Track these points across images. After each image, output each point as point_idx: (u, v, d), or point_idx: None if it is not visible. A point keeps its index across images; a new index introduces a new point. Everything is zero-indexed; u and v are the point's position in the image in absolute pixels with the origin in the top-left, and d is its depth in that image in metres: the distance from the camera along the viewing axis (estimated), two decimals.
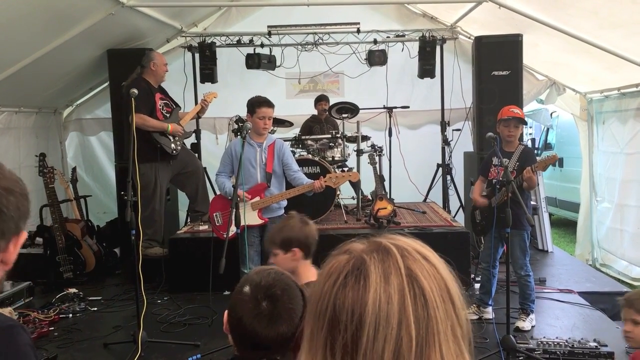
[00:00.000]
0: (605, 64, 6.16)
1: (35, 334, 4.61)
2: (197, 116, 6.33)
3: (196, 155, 7.00)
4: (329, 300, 0.85)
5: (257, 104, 4.64)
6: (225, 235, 4.60)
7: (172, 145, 5.90)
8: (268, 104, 4.66)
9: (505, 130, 4.65)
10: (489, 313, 4.85)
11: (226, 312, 1.62)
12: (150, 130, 5.69)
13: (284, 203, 4.83)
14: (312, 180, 4.68)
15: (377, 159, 6.43)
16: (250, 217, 4.57)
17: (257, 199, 4.63)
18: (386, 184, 6.84)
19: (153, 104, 5.80)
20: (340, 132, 6.62)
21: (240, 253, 4.52)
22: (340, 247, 0.94)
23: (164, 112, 5.94)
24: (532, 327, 4.63)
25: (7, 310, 2.15)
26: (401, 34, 7.56)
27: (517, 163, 4.58)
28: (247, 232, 4.45)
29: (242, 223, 4.31)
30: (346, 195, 7.01)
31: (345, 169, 6.79)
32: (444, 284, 0.88)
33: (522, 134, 5.42)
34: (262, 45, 7.53)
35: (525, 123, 4.72)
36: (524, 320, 4.63)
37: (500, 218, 4.35)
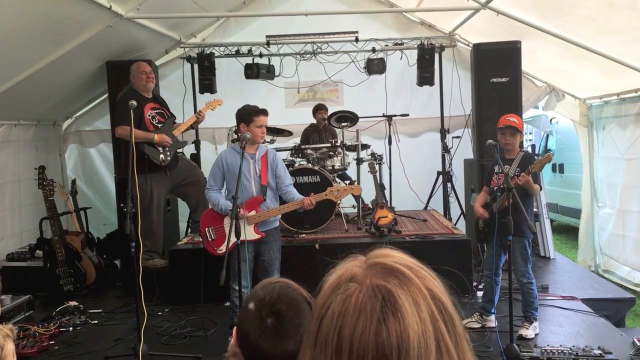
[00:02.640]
0: (604, 69, 6.16)
1: (35, 348, 4.57)
2: (192, 127, 6.31)
3: (197, 165, 6.99)
4: (368, 341, 0.81)
5: (254, 113, 4.52)
6: (218, 250, 4.57)
7: (161, 156, 5.88)
8: (264, 112, 4.57)
9: (502, 138, 4.66)
10: (492, 321, 4.81)
11: (234, 328, 1.58)
12: (137, 142, 5.68)
13: (278, 216, 4.76)
14: (303, 197, 4.54)
15: (377, 167, 6.42)
16: (247, 232, 4.37)
17: (253, 212, 4.50)
18: (386, 192, 6.82)
19: (141, 115, 5.78)
20: (340, 141, 6.62)
21: (231, 268, 4.29)
22: (335, 274, 0.90)
23: (154, 122, 5.93)
24: (536, 335, 4.58)
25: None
26: (399, 42, 7.57)
27: (518, 169, 4.57)
28: (242, 248, 4.20)
29: (242, 237, 4.13)
30: (347, 204, 6.99)
31: (347, 181, 6.79)
32: (450, 296, 0.88)
33: (522, 142, 5.41)
34: (260, 55, 7.54)
35: (520, 132, 4.70)
36: (527, 329, 4.58)
37: (501, 225, 4.33)
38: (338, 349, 0.82)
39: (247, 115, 4.52)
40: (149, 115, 5.90)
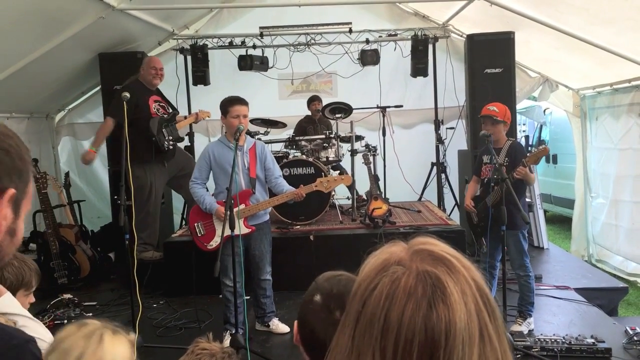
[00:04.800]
0: (597, 60, 6.18)
1: None
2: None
3: (192, 157, 6.98)
4: (416, 324, 0.81)
5: (228, 103, 4.36)
6: (208, 246, 4.54)
7: (166, 142, 5.88)
8: (241, 101, 4.39)
9: (483, 128, 4.57)
10: None
11: (296, 322, 1.53)
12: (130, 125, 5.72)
13: (269, 209, 4.70)
14: (294, 189, 4.45)
15: (371, 158, 6.42)
16: (237, 226, 4.16)
17: (243, 206, 4.36)
18: (381, 183, 6.83)
19: (143, 105, 5.78)
20: (334, 133, 6.61)
21: (222, 263, 4.14)
22: (380, 257, 0.90)
23: (159, 114, 5.93)
24: (530, 331, 4.48)
25: (3, 319, 2.10)
26: (393, 33, 7.56)
27: (506, 159, 4.52)
28: (233, 241, 4.03)
29: (236, 231, 4.01)
30: (341, 195, 6.99)
31: (337, 172, 6.78)
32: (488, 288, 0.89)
33: (515, 131, 5.38)
34: (254, 47, 7.51)
35: (502, 121, 4.58)
36: (520, 325, 4.51)
37: (495, 217, 4.32)
38: (385, 330, 0.83)
39: (223, 106, 4.41)
40: (154, 108, 5.90)
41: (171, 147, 5.96)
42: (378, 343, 0.83)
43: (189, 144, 7.52)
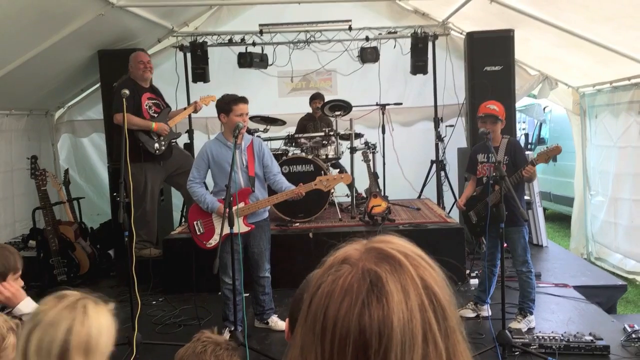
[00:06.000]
0: (597, 57, 6.17)
1: None
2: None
3: (190, 155, 6.97)
4: (350, 323, 0.80)
5: (232, 101, 4.33)
6: (207, 244, 4.54)
7: (156, 145, 5.86)
8: (244, 100, 4.38)
9: (482, 127, 4.56)
10: (486, 310, 4.82)
11: (287, 320, 1.53)
12: (134, 129, 5.67)
13: (268, 206, 4.68)
14: (293, 186, 4.43)
15: (370, 156, 6.42)
16: (237, 225, 4.15)
17: (242, 204, 4.36)
18: (380, 181, 6.83)
19: (138, 104, 5.78)
20: (333, 130, 6.61)
21: (221, 261, 4.15)
22: (334, 255, 0.89)
23: (151, 112, 5.92)
24: (530, 329, 4.46)
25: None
26: (393, 30, 7.55)
27: (506, 157, 4.55)
28: (232, 240, 4.04)
29: (235, 229, 4.01)
30: (340, 193, 7.00)
31: (337, 170, 6.78)
32: (447, 288, 0.86)
33: (515, 129, 5.37)
34: (254, 44, 7.50)
35: (500, 119, 4.60)
36: (519, 322, 4.50)
37: (493, 214, 4.32)
38: (323, 328, 0.82)
39: (226, 104, 4.37)
40: (146, 105, 5.88)
41: (163, 147, 5.94)
42: (319, 341, 0.83)
43: (188, 141, 7.51)
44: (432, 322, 0.81)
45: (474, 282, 5.49)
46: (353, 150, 6.47)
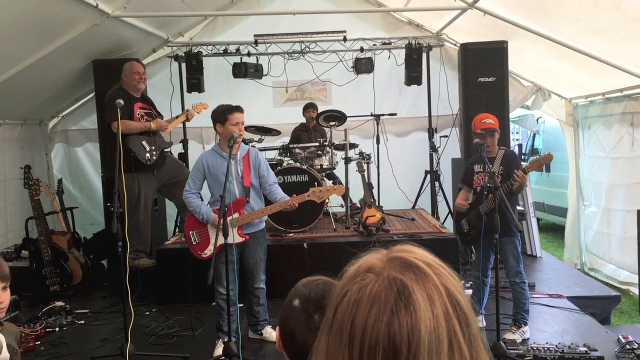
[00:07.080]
0: (590, 69, 6.22)
1: (21, 349, 4.50)
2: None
3: (184, 164, 6.96)
4: (379, 330, 0.81)
5: (227, 110, 4.33)
6: (202, 254, 4.52)
7: (147, 154, 5.85)
8: (239, 109, 4.38)
9: (481, 139, 4.54)
10: (480, 321, 4.81)
11: (277, 328, 1.57)
12: (131, 133, 5.66)
13: (265, 217, 4.67)
14: (287, 197, 4.43)
15: (365, 166, 6.44)
16: (230, 235, 4.10)
17: (237, 215, 4.36)
18: (374, 191, 6.84)
19: (130, 113, 5.78)
20: (328, 140, 6.62)
21: (216, 271, 4.13)
22: (356, 265, 0.90)
23: (143, 121, 5.92)
24: (525, 340, 4.46)
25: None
26: (387, 41, 7.59)
27: (501, 167, 4.56)
28: (227, 250, 4.01)
29: (230, 239, 3.98)
30: (335, 203, 7.00)
31: (331, 181, 6.78)
32: (466, 296, 0.88)
33: (508, 139, 5.40)
34: (248, 54, 7.53)
35: (497, 130, 4.65)
36: (513, 333, 4.50)
37: (487, 225, 4.33)
38: (351, 336, 0.83)
39: (221, 114, 4.37)
40: (138, 114, 5.88)
41: (154, 157, 5.93)
42: (346, 349, 0.84)
43: (182, 151, 7.50)
44: (457, 329, 0.83)
45: (468, 292, 5.49)
46: (348, 160, 6.48)
